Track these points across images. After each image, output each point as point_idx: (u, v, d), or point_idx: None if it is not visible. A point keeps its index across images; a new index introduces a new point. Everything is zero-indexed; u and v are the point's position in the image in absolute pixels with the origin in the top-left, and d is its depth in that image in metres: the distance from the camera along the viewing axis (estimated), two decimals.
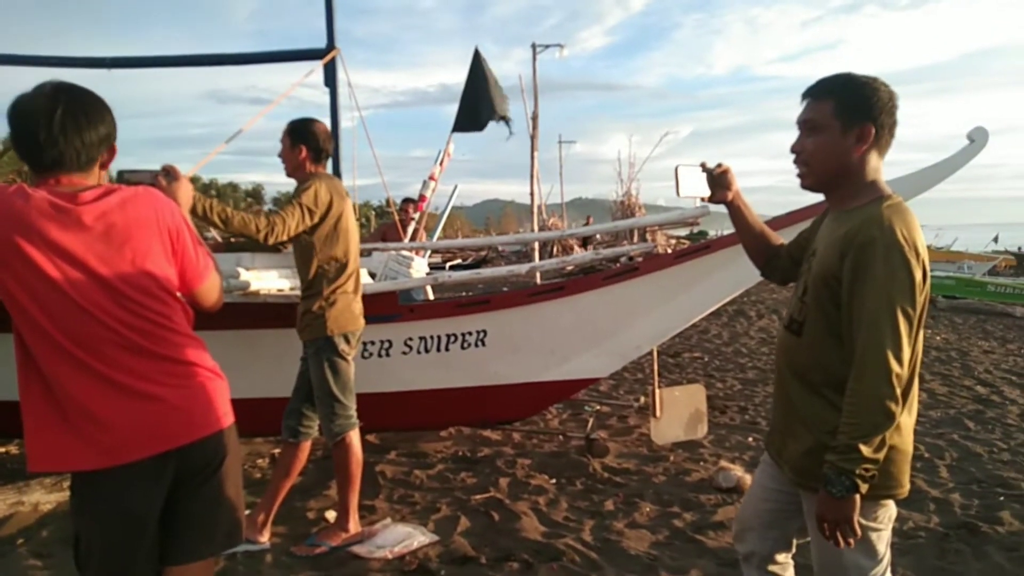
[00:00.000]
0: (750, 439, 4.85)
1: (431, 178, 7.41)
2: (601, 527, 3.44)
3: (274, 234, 2.93)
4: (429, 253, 7.77)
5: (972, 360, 7.98)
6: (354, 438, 3.23)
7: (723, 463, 4.21)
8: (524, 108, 15.76)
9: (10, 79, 3.80)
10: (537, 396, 4.36)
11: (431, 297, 6.30)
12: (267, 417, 3.36)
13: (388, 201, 6.50)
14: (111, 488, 1.62)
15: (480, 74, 6.76)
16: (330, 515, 3.49)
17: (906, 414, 1.67)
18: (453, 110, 6.96)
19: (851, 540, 1.62)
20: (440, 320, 4.23)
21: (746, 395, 6.17)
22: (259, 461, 4.37)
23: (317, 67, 4.71)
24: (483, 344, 4.23)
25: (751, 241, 2.10)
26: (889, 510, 1.74)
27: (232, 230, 2.87)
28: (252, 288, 3.62)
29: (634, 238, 18.08)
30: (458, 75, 8.64)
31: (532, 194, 17.19)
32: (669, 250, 7.02)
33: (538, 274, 9.21)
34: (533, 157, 16.65)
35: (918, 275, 1.59)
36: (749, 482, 3.42)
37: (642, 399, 5.66)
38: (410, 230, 6.89)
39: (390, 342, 4.19)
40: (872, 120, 1.69)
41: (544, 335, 4.26)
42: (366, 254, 5.17)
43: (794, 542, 2.01)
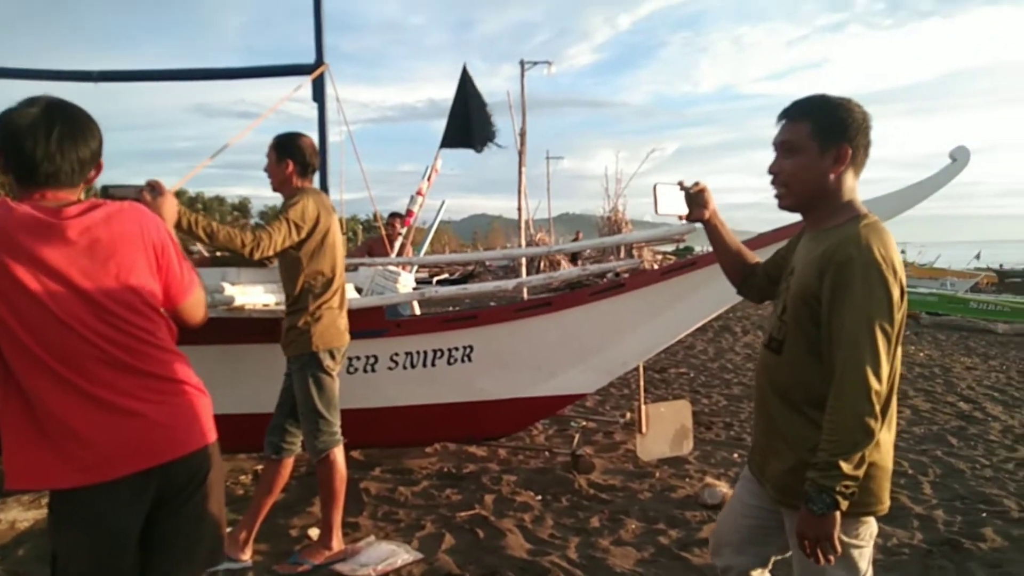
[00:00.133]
0: (736, 455, 4.86)
1: (419, 193, 7.43)
2: (587, 544, 3.43)
3: (260, 249, 2.91)
4: (416, 268, 7.77)
5: (955, 376, 8.05)
6: (338, 455, 3.21)
7: (709, 479, 4.22)
8: (512, 124, 15.87)
9: None
10: (523, 412, 4.35)
11: (418, 312, 6.30)
12: (250, 433, 3.33)
13: (375, 215, 6.50)
14: (91, 506, 1.59)
15: (470, 91, 6.81)
16: (313, 532, 3.46)
17: (886, 430, 1.68)
18: (441, 125, 6.99)
19: (831, 557, 1.63)
20: (427, 335, 4.22)
21: (732, 411, 6.18)
22: (242, 478, 4.33)
23: (306, 82, 4.72)
24: (469, 360, 4.23)
25: (728, 260, 2.13)
26: (870, 527, 1.75)
27: (217, 245, 2.85)
28: (237, 303, 3.60)
29: (621, 254, 18.19)
30: (446, 91, 8.67)
31: (520, 209, 17.29)
32: (655, 266, 7.06)
33: (525, 289, 9.22)
34: (521, 172, 16.74)
35: (896, 293, 1.62)
36: None
37: (628, 415, 5.66)
38: (397, 245, 6.89)
39: (376, 357, 4.18)
40: (848, 141, 1.72)
41: (531, 351, 4.26)
42: (352, 269, 5.16)
43: (772, 559, 2.02)
